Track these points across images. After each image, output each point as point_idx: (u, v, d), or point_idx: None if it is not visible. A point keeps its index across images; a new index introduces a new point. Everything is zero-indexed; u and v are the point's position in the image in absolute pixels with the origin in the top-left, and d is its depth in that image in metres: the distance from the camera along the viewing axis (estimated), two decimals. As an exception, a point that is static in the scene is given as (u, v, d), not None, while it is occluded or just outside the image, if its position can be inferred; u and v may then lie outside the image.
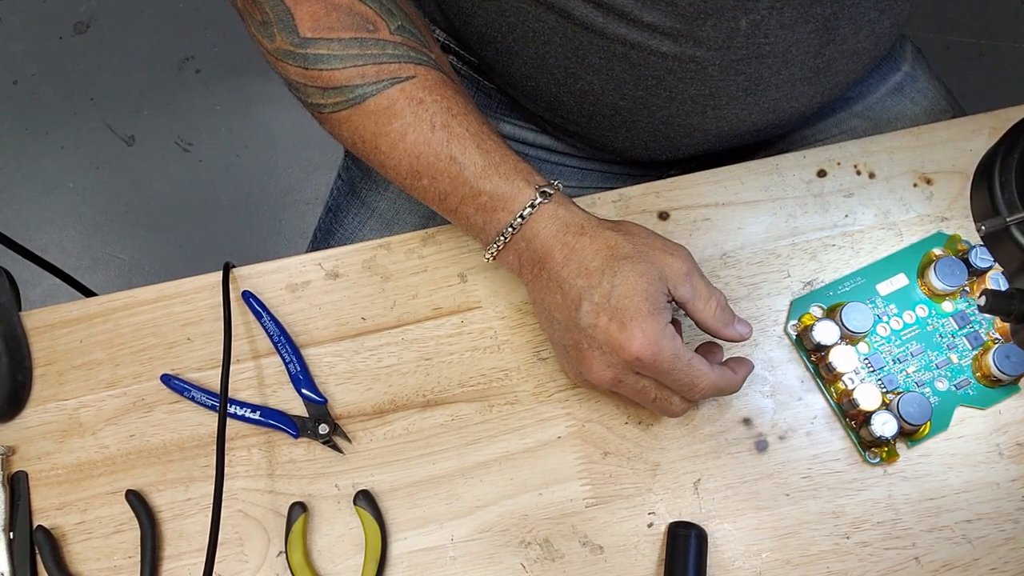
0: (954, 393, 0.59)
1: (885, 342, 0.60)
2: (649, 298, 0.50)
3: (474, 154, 0.54)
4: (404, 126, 0.54)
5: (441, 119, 0.54)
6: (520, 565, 0.57)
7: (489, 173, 0.53)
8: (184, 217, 1.49)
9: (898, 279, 0.62)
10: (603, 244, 0.52)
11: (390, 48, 0.54)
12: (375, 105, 0.54)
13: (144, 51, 1.59)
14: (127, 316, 0.62)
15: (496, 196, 0.53)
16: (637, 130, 0.66)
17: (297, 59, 0.55)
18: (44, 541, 0.57)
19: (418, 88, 0.54)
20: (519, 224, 0.53)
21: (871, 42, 0.62)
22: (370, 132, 0.55)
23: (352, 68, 0.54)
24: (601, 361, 0.52)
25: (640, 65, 0.59)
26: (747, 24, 0.55)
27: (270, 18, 0.55)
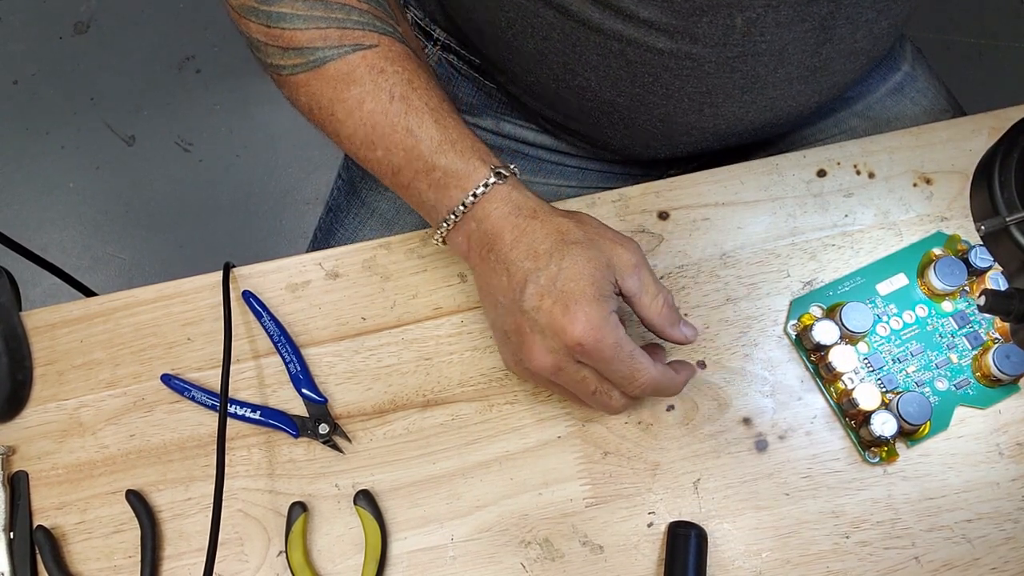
0: (954, 393, 0.59)
1: (885, 342, 0.61)
2: (595, 283, 0.50)
3: (431, 128, 0.53)
4: (362, 94, 0.53)
5: (401, 90, 0.53)
6: (520, 565, 0.57)
7: (445, 148, 0.53)
8: (184, 217, 1.49)
9: (898, 279, 0.62)
10: (553, 228, 0.51)
11: (355, 15, 0.54)
12: (335, 70, 0.53)
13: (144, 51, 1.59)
14: (127, 316, 0.62)
15: (450, 172, 0.52)
16: (635, 127, 0.66)
17: (260, 16, 0.54)
18: (44, 541, 0.57)
19: (380, 57, 0.53)
20: (471, 203, 0.52)
21: (869, 42, 0.62)
22: (327, 97, 0.54)
23: (315, 30, 0.53)
24: (542, 346, 0.50)
25: (637, 62, 0.59)
26: (743, 22, 0.55)
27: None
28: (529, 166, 0.76)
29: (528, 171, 0.76)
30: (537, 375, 0.52)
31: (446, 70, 0.75)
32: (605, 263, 0.51)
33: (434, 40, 0.73)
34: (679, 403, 0.60)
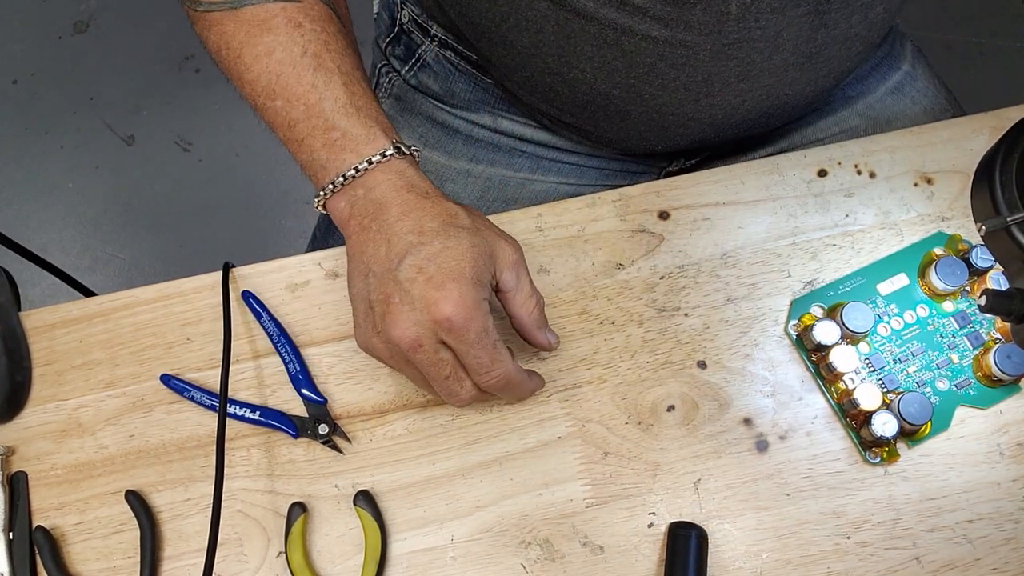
0: (955, 393, 0.59)
1: (886, 342, 0.60)
2: (475, 267, 0.49)
3: (338, 89, 0.52)
4: (274, 43, 0.53)
5: (314, 48, 0.53)
6: (520, 565, 0.57)
7: (349, 111, 0.52)
8: (184, 217, 1.49)
9: (899, 279, 0.62)
10: (443, 211, 0.51)
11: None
12: (251, 15, 0.53)
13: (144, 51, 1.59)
14: (127, 316, 0.62)
15: (349, 135, 0.52)
16: (631, 119, 0.66)
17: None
18: (44, 541, 0.57)
19: (300, 12, 0.53)
20: (364, 169, 0.52)
21: (864, 28, 0.62)
22: (237, 40, 0.54)
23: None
24: (409, 317, 0.49)
25: (632, 52, 0.59)
26: (737, 8, 0.55)
27: None
28: (527, 163, 0.76)
29: (526, 168, 0.76)
30: (394, 348, 0.50)
31: (443, 66, 0.75)
32: (488, 252, 0.51)
33: (431, 36, 0.73)
34: (679, 403, 0.60)
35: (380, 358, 0.53)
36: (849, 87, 0.75)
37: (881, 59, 0.77)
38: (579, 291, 0.62)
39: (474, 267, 0.49)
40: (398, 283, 0.49)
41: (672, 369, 0.60)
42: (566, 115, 0.70)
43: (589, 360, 0.61)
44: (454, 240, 0.50)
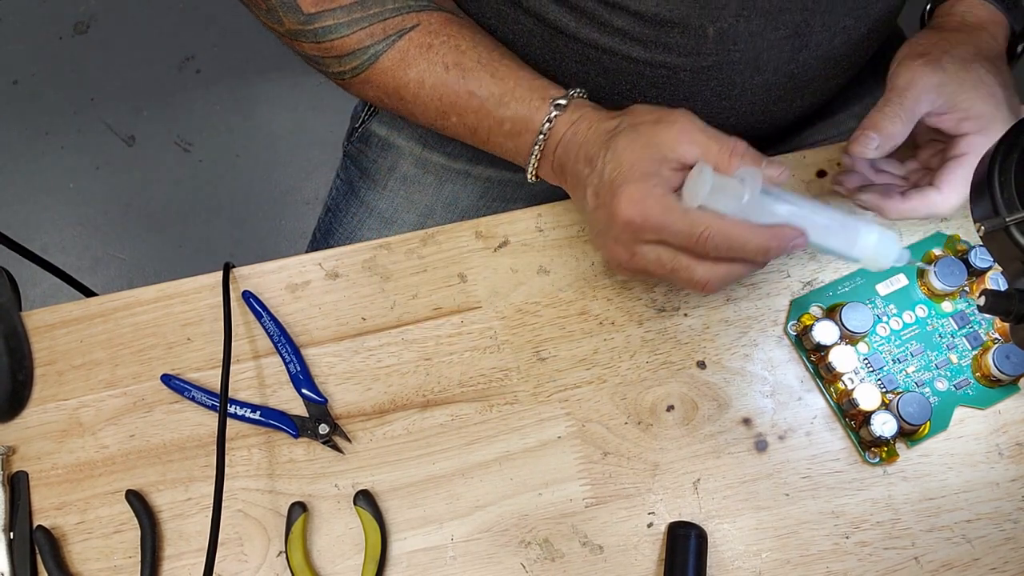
0: (954, 393, 0.59)
1: (885, 342, 0.61)
2: (636, 165, 0.51)
3: (489, 84, 0.56)
4: (420, 73, 0.57)
5: (452, 58, 0.57)
6: (520, 565, 0.57)
7: (506, 100, 0.56)
8: (184, 217, 1.49)
9: (898, 279, 0.62)
10: (603, 130, 0.53)
11: (390, 3, 0.57)
12: (389, 61, 0.57)
13: (144, 51, 1.59)
14: (127, 316, 0.62)
15: (517, 120, 0.56)
16: None
17: (308, 36, 0.58)
18: (44, 541, 0.57)
19: (424, 34, 0.57)
20: (543, 141, 0.56)
21: (847, 48, 0.62)
22: (392, 86, 0.59)
23: (360, 31, 0.57)
24: (612, 240, 0.52)
25: (613, 70, 0.59)
26: (715, 32, 0.56)
27: (273, 3, 0.58)
28: None
29: None
30: (625, 269, 0.54)
31: None
32: (646, 143, 0.51)
33: None
34: (679, 403, 0.60)
35: (628, 277, 0.60)
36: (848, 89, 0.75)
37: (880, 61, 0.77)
38: (579, 291, 0.62)
39: (634, 166, 0.51)
40: (593, 215, 0.54)
41: (671, 369, 0.61)
42: None
43: (589, 360, 0.61)
44: (611, 152, 0.52)
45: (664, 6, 0.54)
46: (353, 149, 0.80)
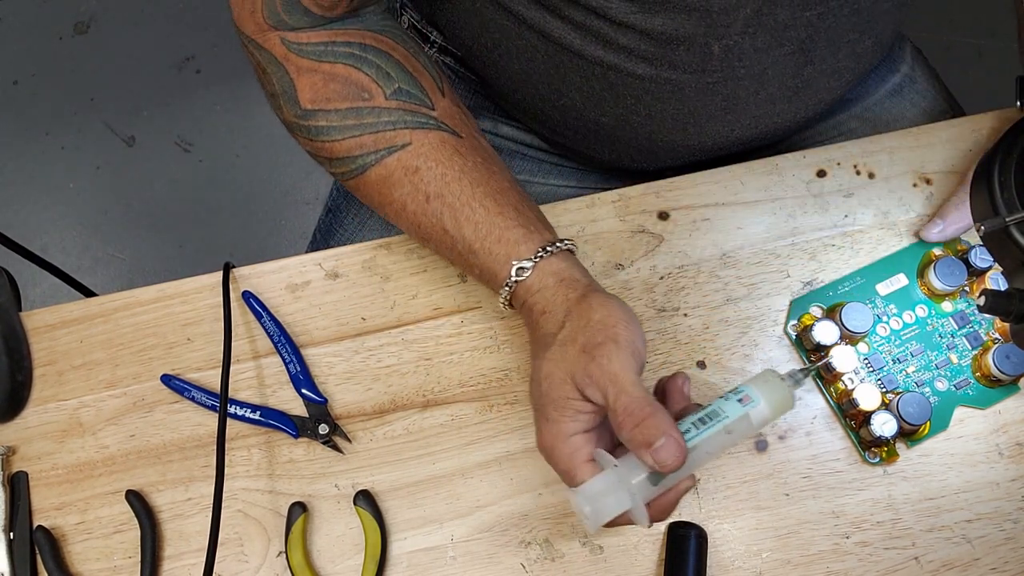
0: (954, 393, 0.59)
1: (885, 342, 0.60)
2: (552, 391, 0.49)
3: (464, 227, 0.55)
4: (403, 196, 0.56)
5: (435, 188, 0.55)
6: (520, 565, 0.57)
7: (476, 249, 0.55)
8: (184, 217, 1.49)
9: (898, 279, 0.62)
10: (547, 331, 0.51)
11: (385, 116, 0.55)
12: (375, 175, 0.56)
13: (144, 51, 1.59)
14: (127, 316, 0.62)
15: (485, 270, 0.55)
16: (621, 144, 0.66)
17: (302, 131, 0.57)
18: (44, 541, 0.57)
19: (413, 156, 0.55)
20: (507, 293, 0.54)
21: (852, 61, 0.62)
22: (376, 201, 0.58)
23: (351, 139, 0.55)
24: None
25: (618, 85, 0.59)
26: (720, 49, 0.56)
27: (276, 90, 0.57)
28: (528, 166, 0.76)
29: (526, 171, 0.76)
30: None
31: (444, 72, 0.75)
32: (565, 371, 0.48)
33: (431, 42, 0.73)
34: (679, 403, 0.60)
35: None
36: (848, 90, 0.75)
37: (880, 62, 0.77)
38: (579, 291, 0.62)
39: (550, 390, 0.49)
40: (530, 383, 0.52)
41: (672, 369, 0.61)
42: (558, 136, 0.70)
43: (589, 360, 0.61)
44: (544, 360, 0.50)
45: (671, 24, 0.54)
46: (354, 149, 0.80)
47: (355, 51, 0.56)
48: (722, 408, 0.48)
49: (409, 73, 0.57)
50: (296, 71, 0.56)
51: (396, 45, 0.57)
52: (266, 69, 0.57)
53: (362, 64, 0.56)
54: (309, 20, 0.55)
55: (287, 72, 0.56)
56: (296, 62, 0.56)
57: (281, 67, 0.56)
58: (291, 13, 0.54)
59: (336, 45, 0.56)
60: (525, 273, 0.53)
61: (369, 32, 0.57)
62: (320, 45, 0.56)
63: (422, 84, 0.57)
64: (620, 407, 0.46)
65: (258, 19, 0.55)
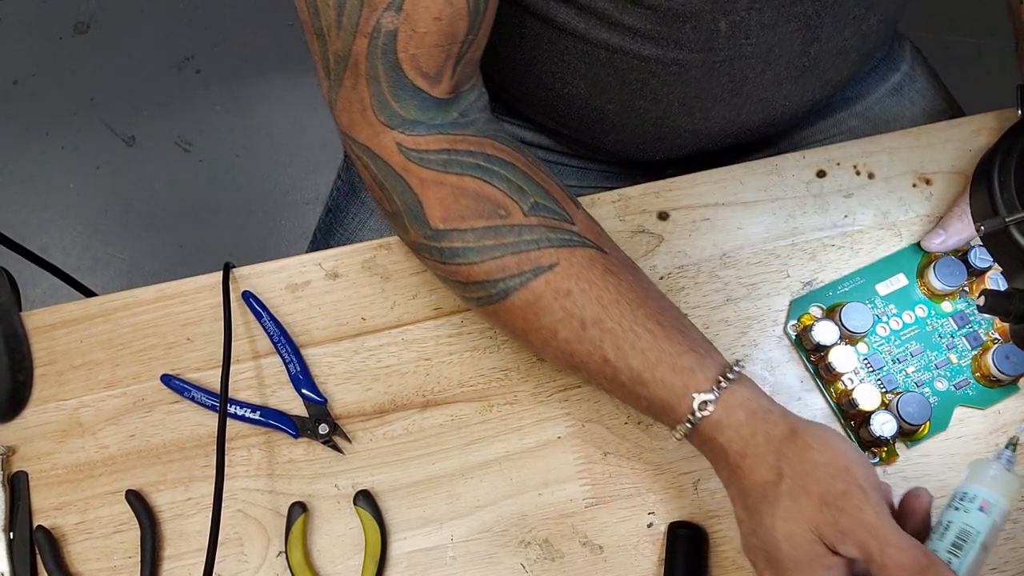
0: (953, 393, 0.59)
1: (884, 342, 0.61)
2: (797, 555, 0.45)
3: (628, 355, 0.49)
4: (553, 323, 0.50)
5: (592, 313, 0.49)
6: (520, 565, 0.57)
7: (644, 380, 0.49)
8: (184, 217, 1.49)
9: (897, 279, 0.62)
10: (759, 479, 0.47)
11: (527, 234, 0.50)
12: (520, 300, 0.50)
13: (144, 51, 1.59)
14: (127, 316, 0.62)
15: (655, 402, 0.49)
16: (627, 132, 0.66)
17: (433, 252, 0.51)
18: (44, 541, 0.57)
19: (563, 277, 0.50)
20: (686, 429, 0.49)
21: (858, 39, 0.62)
22: (519, 327, 0.52)
23: (490, 261, 0.50)
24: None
25: (624, 69, 0.59)
26: (727, 26, 0.55)
27: (399, 207, 0.51)
28: None
29: None
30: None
31: None
32: (810, 528, 0.45)
33: None
34: (679, 403, 0.60)
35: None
36: (848, 88, 0.75)
37: (880, 60, 0.77)
38: (579, 291, 0.62)
39: (793, 554, 0.45)
40: (745, 540, 0.49)
41: (671, 369, 0.60)
42: (563, 127, 0.70)
43: (589, 360, 0.61)
44: (770, 519, 0.46)
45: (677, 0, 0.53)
46: (355, 150, 0.80)
47: (480, 162, 0.51)
48: (968, 523, 0.46)
49: (540, 185, 0.52)
50: (420, 184, 0.50)
51: (517, 154, 0.52)
52: (384, 184, 0.51)
53: (491, 177, 0.50)
54: (418, 104, 0.50)
55: (410, 187, 0.50)
56: (418, 173, 0.50)
57: (402, 180, 0.50)
58: (399, 97, 0.49)
59: (458, 154, 0.50)
60: (709, 407, 0.48)
61: (487, 139, 0.52)
62: (442, 153, 0.50)
63: (555, 196, 0.52)
64: (891, 562, 0.42)
65: (370, 118, 0.50)
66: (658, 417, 0.51)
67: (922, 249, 0.62)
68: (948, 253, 0.62)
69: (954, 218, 0.60)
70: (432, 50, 0.48)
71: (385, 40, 0.47)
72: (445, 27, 0.47)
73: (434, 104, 0.50)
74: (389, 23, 0.46)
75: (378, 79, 0.48)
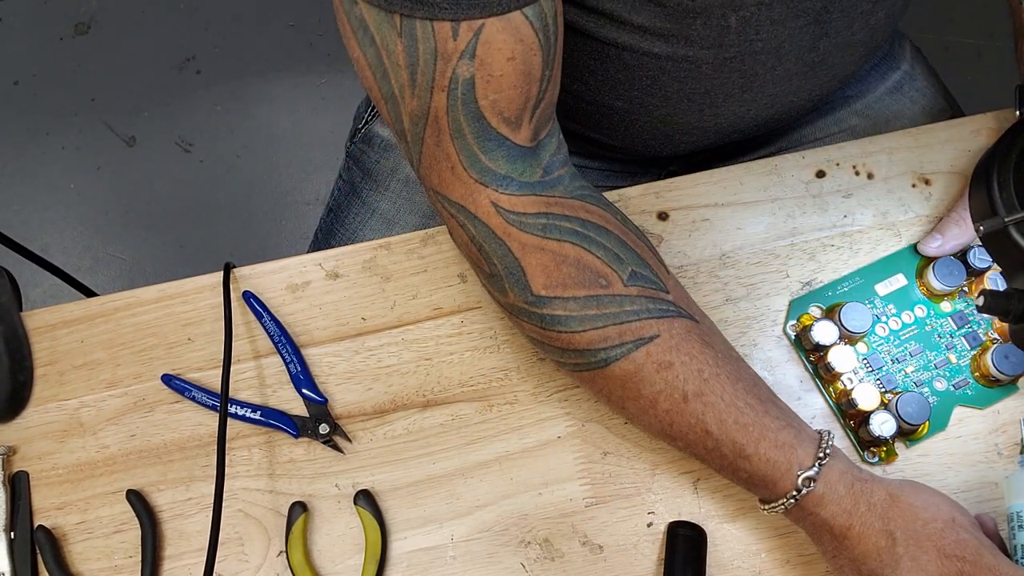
0: (952, 393, 0.60)
1: (884, 342, 0.61)
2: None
3: (731, 430, 0.50)
4: (654, 394, 0.51)
5: (694, 386, 0.50)
6: (520, 565, 0.57)
7: (748, 454, 0.50)
8: (185, 217, 1.49)
9: (897, 279, 0.62)
10: (871, 546, 0.49)
11: (628, 304, 0.50)
12: (620, 370, 0.51)
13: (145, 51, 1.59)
14: (128, 316, 0.62)
15: (756, 475, 0.51)
16: (635, 129, 0.66)
17: (533, 318, 0.51)
18: (45, 541, 0.57)
19: (664, 350, 0.50)
20: (788, 504, 0.50)
21: (866, 34, 0.62)
22: (616, 395, 0.52)
23: (592, 331, 0.50)
24: None
25: (634, 66, 0.59)
26: (737, 21, 0.55)
27: (499, 271, 0.51)
28: None
29: None
30: None
31: None
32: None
33: None
34: (678, 403, 0.60)
35: None
36: (848, 87, 0.75)
37: (880, 59, 0.77)
38: (579, 291, 0.62)
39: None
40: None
41: (671, 369, 0.61)
42: (571, 123, 0.70)
43: (588, 360, 0.61)
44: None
45: None
46: (355, 150, 0.80)
47: (578, 228, 0.51)
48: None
49: (634, 251, 0.52)
50: (521, 249, 0.50)
51: (607, 215, 0.53)
52: (483, 246, 0.51)
53: (590, 244, 0.51)
54: (506, 154, 0.49)
55: (511, 251, 0.50)
56: (519, 238, 0.50)
57: (503, 244, 0.50)
58: (486, 148, 0.49)
59: (556, 219, 0.50)
60: (812, 484, 0.49)
61: (578, 202, 0.52)
62: (540, 217, 0.50)
63: (648, 263, 0.52)
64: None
65: (461, 175, 0.49)
66: (755, 488, 0.52)
67: (919, 252, 0.62)
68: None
69: (951, 223, 0.60)
70: (511, 92, 0.47)
71: (464, 90, 0.46)
72: (519, 66, 0.46)
73: (520, 154, 0.50)
74: (465, 71, 0.45)
75: (462, 132, 0.48)
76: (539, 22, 0.46)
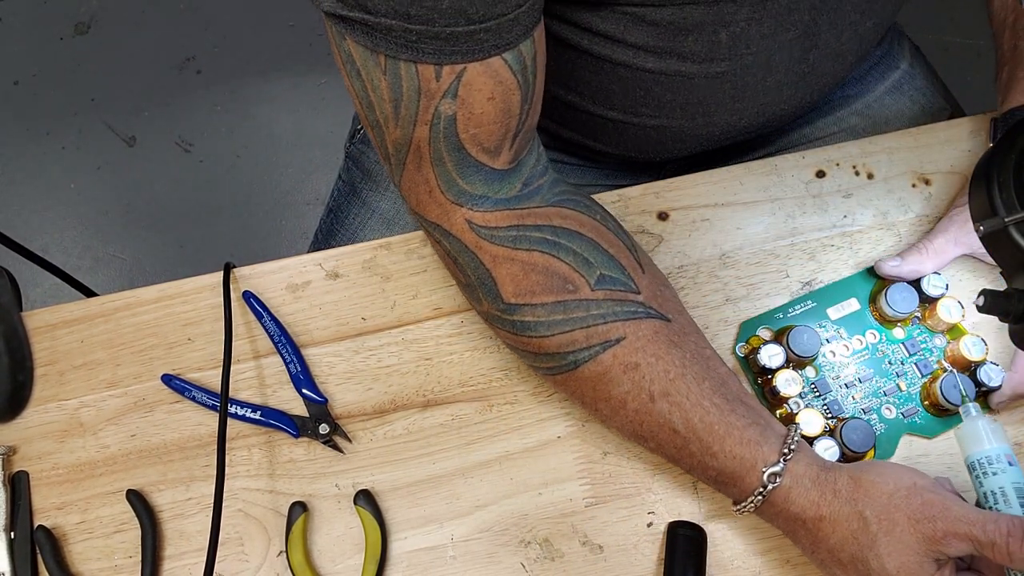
0: (901, 421, 0.58)
1: (833, 367, 0.60)
2: (904, 569, 0.47)
3: (697, 429, 0.51)
4: (622, 394, 0.52)
5: (660, 387, 0.51)
6: (520, 564, 0.57)
7: (714, 452, 0.51)
8: (185, 217, 1.50)
9: (849, 303, 0.61)
10: (846, 531, 0.49)
11: (594, 308, 0.51)
12: (589, 371, 0.52)
13: (145, 52, 1.60)
14: (128, 316, 0.62)
15: (724, 473, 0.52)
16: (628, 136, 0.66)
17: (506, 324, 0.53)
18: (45, 541, 0.57)
19: (630, 351, 0.51)
20: (757, 501, 0.51)
21: (855, 43, 0.62)
22: (589, 397, 0.54)
23: (560, 335, 0.52)
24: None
25: (628, 79, 0.59)
26: (728, 37, 0.56)
27: (473, 281, 0.53)
28: None
29: None
30: None
31: None
32: (912, 550, 0.47)
33: None
34: (678, 403, 0.60)
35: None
36: (848, 86, 0.76)
37: (880, 58, 0.77)
38: (579, 291, 0.62)
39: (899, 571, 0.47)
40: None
41: (671, 369, 0.61)
42: (563, 131, 0.70)
43: (588, 360, 0.61)
44: (876, 559, 0.48)
45: (679, 13, 0.54)
46: (355, 150, 0.80)
47: (548, 236, 0.52)
48: (1015, 481, 0.48)
49: (607, 253, 0.53)
50: (492, 261, 0.52)
51: (583, 218, 0.54)
52: (457, 259, 0.53)
53: (559, 251, 0.52)
54: (483, 178, 0.51)
55: (482, 263, 0.52)
56: (490, 250, 0.52)
57: (475, 257, 0.52)
58: (465, 174, 0.50)
59: (526, 229, 0.52)
60: (777, 479, 0.50)
61: (553, 209, 0.53)
62: (511, 230, 0.52)
63: (622, 263, 0.53)
64: (997, 536, 0.45)
65: (438, 197, 0.51)
66: (725, 487, 0.53)
67: (875, 271, 0.61)
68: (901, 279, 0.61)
69: (914, 251, 0.60)
70: (491, 127, 0.49)
71: (446, 124, 0.48)
72: (499, 104, 0.48)
73: (498, 176, 0.52)
74: (448, 109, 0.47)
75: (443, 161, 0.50)
76: (518, 65, 0.47)
